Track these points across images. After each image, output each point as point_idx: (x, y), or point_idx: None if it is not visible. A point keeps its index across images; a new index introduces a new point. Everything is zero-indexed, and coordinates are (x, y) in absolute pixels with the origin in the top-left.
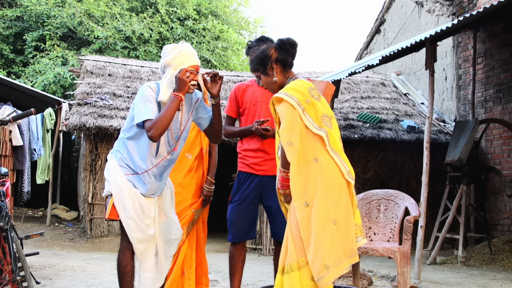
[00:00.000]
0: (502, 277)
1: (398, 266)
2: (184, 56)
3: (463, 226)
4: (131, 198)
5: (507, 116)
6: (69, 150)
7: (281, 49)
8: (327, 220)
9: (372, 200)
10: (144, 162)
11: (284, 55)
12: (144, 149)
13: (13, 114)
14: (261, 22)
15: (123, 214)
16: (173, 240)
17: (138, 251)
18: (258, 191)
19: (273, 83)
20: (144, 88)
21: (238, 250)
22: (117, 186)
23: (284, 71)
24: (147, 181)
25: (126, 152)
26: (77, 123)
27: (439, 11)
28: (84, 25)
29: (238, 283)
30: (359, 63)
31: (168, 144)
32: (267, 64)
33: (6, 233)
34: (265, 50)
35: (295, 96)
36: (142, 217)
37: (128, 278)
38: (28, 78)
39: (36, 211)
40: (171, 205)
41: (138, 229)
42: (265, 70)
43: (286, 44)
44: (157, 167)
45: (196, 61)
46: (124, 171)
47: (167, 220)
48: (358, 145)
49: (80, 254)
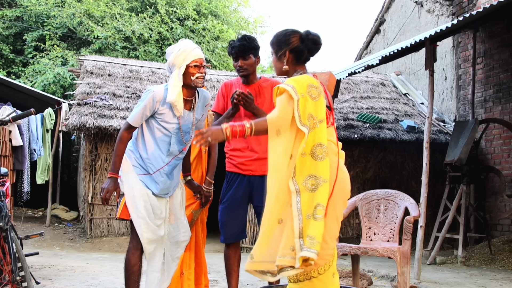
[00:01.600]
0: (502, 277)
1: (398, 266)
2: (184, 53)
3: (463, 226)
4: (143, 198)
5: (507, 116)
6: (69, 150)
7: (303, 41)
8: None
9: (372, 200)
10: (155, 161)
11: (302, 48)
12: (155, 148)
13: (13, 114)
14: (261, 22)
15: (134, 214)
16: (181, 242)
17: (147, 251)
18: (247, 191)
19: (282, 69)
20: (145, 92)
21: (233, 251)
22: (129, 186)
23: (296, 63)
24: (159, 180)
25: (138, 152)
26: (77, 123)
27: (439, 11)
28: (84, 25)
29: (235, 283)
30: (359, 63)
31: (179, 143)
32: (282, 49)
33: (6, 233)
34: (288, 34)
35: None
36: (153, 218)
37: (135, 277)
38: (28, 78)
39: (36, 211)
40: (181, 207)
41: (149, 229)
42: (277, 53)
43: (309, 39)
44: (168, 166)
45: (197, 54)
46: (137, 171)
47: (176, 222)
48: (358, 145)
49: (80, 254)
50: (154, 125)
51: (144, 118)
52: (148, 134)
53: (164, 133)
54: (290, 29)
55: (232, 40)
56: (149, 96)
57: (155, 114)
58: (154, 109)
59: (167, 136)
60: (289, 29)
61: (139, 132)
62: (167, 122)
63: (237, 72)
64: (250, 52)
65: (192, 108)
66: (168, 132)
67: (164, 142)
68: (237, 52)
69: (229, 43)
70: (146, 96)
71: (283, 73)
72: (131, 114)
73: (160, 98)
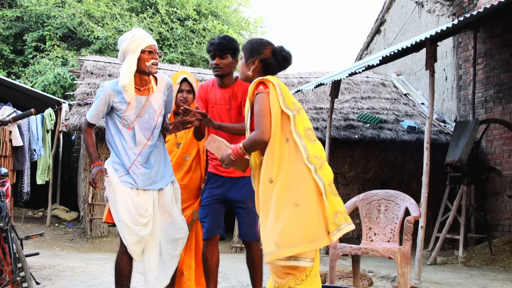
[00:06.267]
0: (502, 277)
1: (399, 267)
2: (138, 39)
3: (464, 227)
4: (123, 200)
5: (508, 117)
6: (69, 150)
7: (274, 54)
8: (287, 200)
9: (372, 200)
10: (127, 154)
11: (272, 62)
12: (123, 143)
13: (13, 114)
14: (261, 22)
15: (116, 217)
16: (178, 239)
17: (133, 253)
18: (222, 191)
19: (245, 74)
20: (99, 88)
21: (210, 252)
22: (111, 189)
23: (262, 73)
24: (137, 172)
25: (115, 154)
26: (77, 123)
27: (439, 11)
28: (84, 25)
29: (214, 285)
30: (359, 63)
31: (144, 130)
32: (252, 57)
33: (6, 234)
34: (262, 44)
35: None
36: (136, 218)
37: (124, 281)
38: (28, 79)
39: (36, 211)
40: (173, 203)
41: (130, 231)
42: (247, 59)
43: (281, 55)
44: (140, 156)
45: (151, 41)
46: (118, 173)
47: (172, 220)
48: (358, 145)
49: (80, 255)
50: (116, 120)
51: (100, 114)
52: (114, 130)
53: (126, 124)
54: (265, 40)
55: (213, 38)
56: (102, 91)
57: (113, 109)
58: (109, 104)
59: (129, 126)
60: (264, 40)
61: (108, 133)
62: (125, 112)
63: (212, 70)
64: (228, 51)
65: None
66: (129, 122)
67: (129, 134)
68: (215, 49)
69: (208, 41)
70: (99, 92)
71: (246, 78)
72: (88, 111)
73: (112, 90)
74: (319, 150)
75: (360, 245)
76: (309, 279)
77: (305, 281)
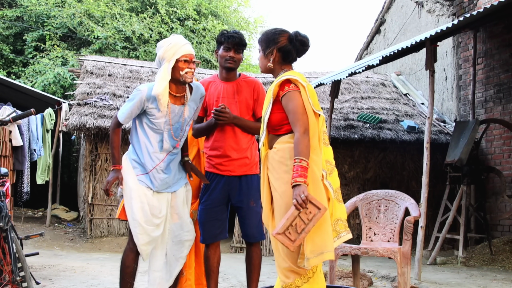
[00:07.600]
0: (502, 277)
1: (398, 267)
2: (174, 47)
3: (463, 227)
4: (139, 199)
5: (508, 117)
6: (69, 150)
7: (291, 41)
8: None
9: (372, 200)
10: (151, 159)
11: (290, 48)
12: (149, 146)
13: (13, 114)
14: (261, 22)
15: (130, 215)
16: (185, 241)
17: (143, 253)
18: (225, 192)
19: (266, 66)
20: (135, 91)
21: (212, 251)
22: (127, 187)
23: (282, 62)
24: (157, 177)
25: (135, 153)
26: (77, 123)
27: (439, 11)
28: (84, 25)
29: (215, 284)
30: (359, 63)
31: (171, 138)
32: (270, 47)
33: (6, 234)
34: (277, 33)
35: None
36: (150, 218)
37: (128, 279)
38: (28, 78)
39: (36, 211)
40: (184, 205)
41: (143, 231)
42: (265, 51)
43: (298, 39)
44: (163, 162)
45: (188, 50)
46: (136, 171)
47: (180, 221)
48: (358, 145)
49: (80, 255)
50: (146, 123)
51: (132, 116)
52: (141, 133)
53: (156, 130)
54: (279, 29)
55: (226, 30)
56: (138, 94)
57: (145, 113)
58: (143, 107)
59: (158, 133)
60: (278, 28)
61: (133, 132)
62: (157, 118)
63: (223, 62)
64: (243, 48)
65: (183, 104)
66: (159, 129)
67: (156, 139)
68: (234, 43)
69: (222, 32)
70: (134, 95)
71: (268, 70)
72: (120, 110)
73: (148, 96)
74: (330, 154)
75: (360, 245)
76: (315, 276)
77: (312, 279)
